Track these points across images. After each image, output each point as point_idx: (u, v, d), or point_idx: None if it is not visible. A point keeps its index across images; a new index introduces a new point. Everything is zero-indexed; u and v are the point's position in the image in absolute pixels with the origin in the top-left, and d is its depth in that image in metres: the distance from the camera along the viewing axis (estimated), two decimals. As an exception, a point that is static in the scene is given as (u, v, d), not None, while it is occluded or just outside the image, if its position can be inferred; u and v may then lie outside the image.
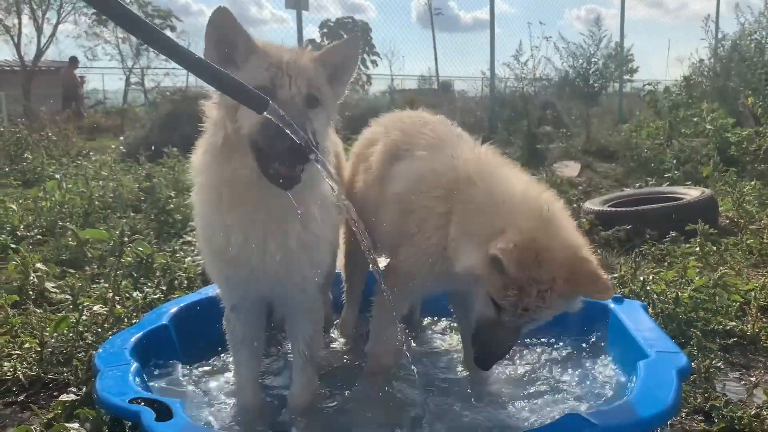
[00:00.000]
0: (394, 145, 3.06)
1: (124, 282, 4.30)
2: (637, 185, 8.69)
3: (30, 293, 4.42)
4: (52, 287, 4.49)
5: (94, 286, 4.52)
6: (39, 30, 24.81)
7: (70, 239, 5.56)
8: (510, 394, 2.87)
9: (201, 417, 2.62)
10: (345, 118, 14.01)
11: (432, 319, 3.85)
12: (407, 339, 3.35)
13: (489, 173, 2.67)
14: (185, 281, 4.44)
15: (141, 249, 4.64)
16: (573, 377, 2.96)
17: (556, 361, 3.13)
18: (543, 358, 3.19)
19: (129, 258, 4.72)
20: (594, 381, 2.89)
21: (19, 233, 6.14)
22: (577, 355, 3.15)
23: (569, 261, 2.32)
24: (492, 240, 2.34)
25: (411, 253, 2.75)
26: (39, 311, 4.06)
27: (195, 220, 2.59)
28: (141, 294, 4.11)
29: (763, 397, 2.87)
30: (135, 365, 2.56)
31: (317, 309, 2.69)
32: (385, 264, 3.01)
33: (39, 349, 3.36)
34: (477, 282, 2.45)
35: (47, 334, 3.47)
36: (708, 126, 10.29)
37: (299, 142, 2.00)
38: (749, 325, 3.66)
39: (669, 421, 2.66)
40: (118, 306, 3.83)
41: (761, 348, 3.52)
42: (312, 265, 2.50)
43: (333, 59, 2.39)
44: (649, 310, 3.43)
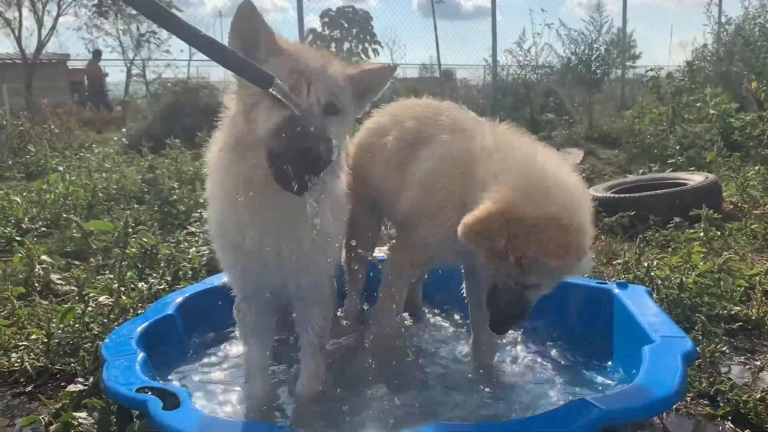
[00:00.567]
0: (411, 133, 3.08)
1: (129, 273, 4.31)
2: (641, 171, 8.66)
3: (36, 285, 4.45)
4: (57, 279, 4.50)
5: (99, 277, 4.53)
6: (39, 23, 24.69)
7: (74, 231, 5.56)
8: (515, 380, 2.87)
9: (208, 405, 2.63)
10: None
11: (433, 309, 3.85)
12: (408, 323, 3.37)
13: (504, 148, 2.70)
14: (190, 272, 4.45)
15: (145, 240, 4.65)
16: (578, 363, 2.97)
17: (561, 348, 3.14)
18: (548, 344, 3.19)
19: (134, 249, 4.72)
20: (599, 367, 2.90)
21: (24, 226, 6.16)
22: (582, 341, 3.15)
23: (539, 228, 2.31)
24: None
25: (430, 232, 2.80)
26: (45, 303, 4.09)
27: (209, 213, 2.59)
28: (146, 285, 4.11)
29: (769, 381, 2.88)
30: (141, 355, 2.56)
31: (327, 300, 2.69)
32: (395, 239, 3.13)
33: (46, 340, 3.38)
34: (477, 254, 2.51)
35: (54, 325, 3.49)
36: (711, 111, 10.24)
37: (315, 149, 1.99)
38: (754, 310, 3.66)
39: (675, 406, 2.67)
40: (123, 297, 3.85)
41: (766, 332, 3.53)
42: (325, 261, 2.50)
43: (366, 81, 2.40)
44: (654, 295, 3.43)
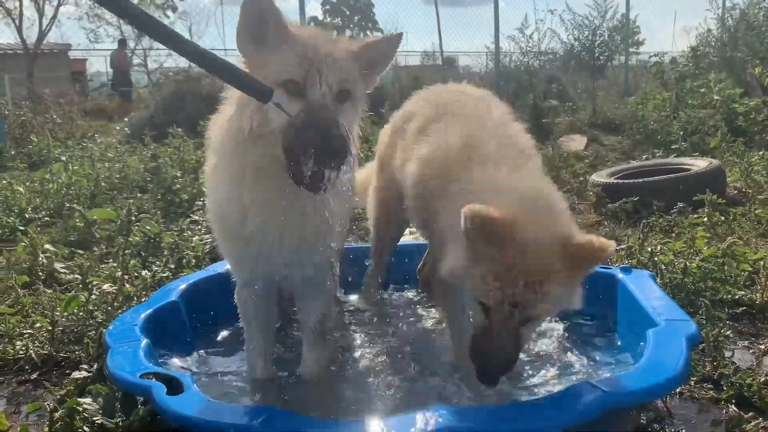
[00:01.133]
0: (426, 121, 2.92)
1: (132, 261, 4.32)
2: (644, 157, 8.63)
3: (40, 274, 4.46)
4: (61, 268, 4.52)
5: (102, 265, 4.54)
6: (40, 12, 24.70)
7: (77, 220, 5.57)
8: (519, 365, 2.86)
9: (212, 391, 2.63)
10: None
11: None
12: None
13: (493, 156, 2.44)
14: (193, 260, 4.45)
15: (149, 228, 4.65)
16: (582, 347, 2.97)
17: (564, 332, 3.13)
18: (552, 327, 3.19)
19: (137, 237, 4.73)
20: (604, 350, 2.90)
21: (27, 215, 6.17)
22: (587, 326, 3.15)
23: (562, 244, 2.10)
24: None
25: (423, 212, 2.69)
26: (49, 291, 4.10)
27: (208, 197, 2.57)
28: (149, 273, 4.12)
29: (773, 365, 2.88)
30: (145, 341, 2.56)
31: (330, 285, 2.69)
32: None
33: (50, 328, 3.39)
34: (462, 283, 2.20)
35: (58, 313, 3.50)
36: (715, 97, 10.17)
37: (331, 144, 1.96)
38: (758, 294, 3.65)
39: (678, 389, 2.67)
40: (127, 285, 3.86)
41: (770, 316, 3.52)
42: (326, 247, 2.49)
43: (371, 55, 2.32)
44: (658, 280, 3.42)
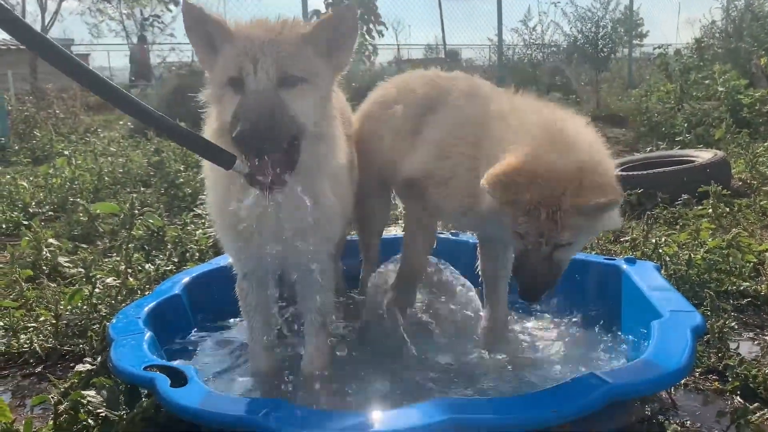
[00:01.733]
0: (424, 99, 3.05)
1: (136, 255, 4.33)
2: (648, 149, 8.59)
3: (43, 268, 4.47)
4: (65, 262, 4.53)
5: (106, 259, 4.55)
6: (43, 8, 24.72)
7: (81, 215, 5.58)
8: (524, 356, 2.86)
9: (215, 383, 2.64)
10: (351, 89, 13.95)
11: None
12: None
13: (518, 110, 2.65)
14: (197, 253, 4.45)
15: (152, 222, 4.66)
16: (586, 338, 2.96)
17: (569, 323, 3.13)
18: (556, 320, 3.18)
19: (140, 231, 4.74)
20: (608, 341, 2.89)
21: (31, 210, 6.19)
22: (591, 317, 3.14)
23: (573, 176, 2.23)
24: None
25: (444, 195, 2.78)
26: (53, 285, 4.11)
27: (207, 193, 2.58)
28: (153, 266, 4.12)
29: (778, 356, 2.87)
30: (149, 334, 2.57)
31: (329, 276, 2.69)
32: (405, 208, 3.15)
33: (54, 322, 3.39)
34: (501, 220, 2.41)
35: (62, 307, 3.51)
36: (720, 88, 10.12)
37: (271, 129, 2.00)
38: (763, 286, 3.64)
39: (683, 381, 2.67)
40: (130, 278, 3.86)
41: (775, 308, 3.51)
42: (324, 238, 2.49)
43: (326, 32, 2.23)
44: (662, 272, 3.41)
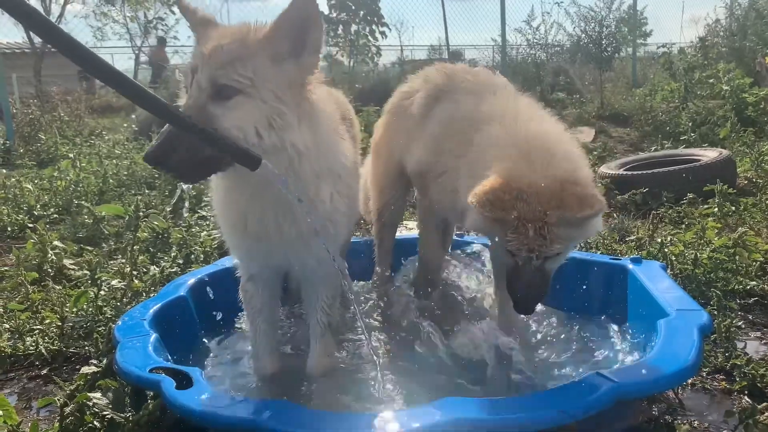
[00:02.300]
0: (436, 89, 3.14)
1: (141, 257, 4.34)
2: (653, 149, 8.57)
3: (49, 270, 4.48)
4: (70, 264, 4.53)
5: (111, 262, 4.56)
6: (47, 11, 24.67)
7: (86, 217, 5.60)
8: (529, 355, 2.85)
9: (220, 385, 2.64)
10: (355, 90, 13.93)
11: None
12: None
13: (509, 115, 2.66)
14: (201, 255, 4.45)
15: (156, 224, 4.66)
16: (592, 338, 2.95)
17: (575, 323, 3.11)
18: (562, 319, 3.17)
19: (145, 233, 4.75)
20: (614, 341, 2.87)
21: (36, 212, 6.20)
22: (597, 316, 3.13)
23: (554, 190, 2.28)
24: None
25: (438, 192, 2.84)
26: (58, 288, 4.11)
27: (212, 196, 2.59)
28: (158, 268, 4.13)
29: (785, 355, 2.85)
30: (154, 336, 2.57)
31: (334, 277, 2.69)
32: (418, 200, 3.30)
33: (60, 324, 3.41)
34: (490, 235, 2.49)
35: (67, 309, 3.52)
36: (724, 87, 10.08)
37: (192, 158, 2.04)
38: (770, 284, 3.62)
39: (690, 380, 2.65)
40: (135, 280, 3.86)
41: (782, 307, 3.49)
42: (328, 239, 2.47)
43: (285, 31, 2.09)
44: (668, 271, 3.39)
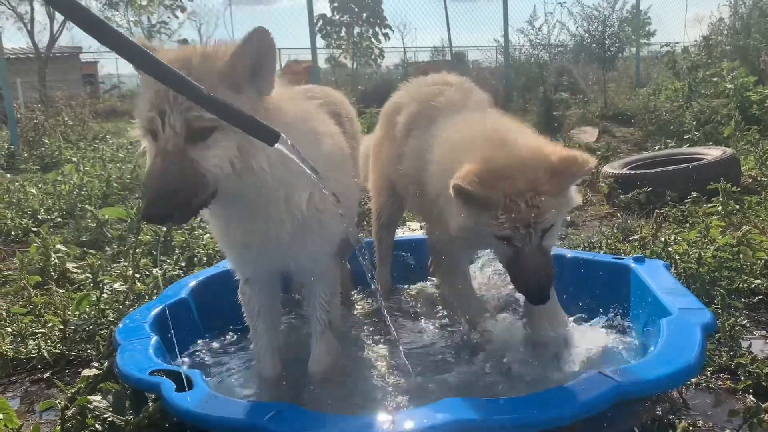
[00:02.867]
0: (411, 118, 3.15)
1: (143, 260, 4.34)
2: (657, 148, 8.54)
3: (52, 274, 4.49)
4: (73, 267, 4.54)
5: (114, 265, 4.56)
6: (51, 16, 24.78)
7: (89, 221, 5.61)
8: (532, 355, 2.83)
9: (221, 387, 2.63)
10: (358, 92, 13.94)
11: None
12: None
13: (456, 124, 2.74)
14: (204, 257, 4.45)
15: (158, 226, 4.66)
16: (595, 338, 2.92)
17: (578, 322, 3.09)
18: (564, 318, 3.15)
19: (148, 236, 4.76)
20: (616, 340, 2.85)
21: (40, 216, 6.22)
22: (599, 316, 3.10)
23: (539, 160, 2.38)
24: None
25: (436, 235, 2.85)
26: (61, 291, 4.12)
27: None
28: (161, 271, 4.13)
29: (790, 354, 2.82)
30: (155, 338, 2.56)
31: (332, 275, 2.67)
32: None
33: (62, 327, 3.41)
34: (479, 234, 2.48)
35: (69, 312, 3.52)
36: (728, 86, 10.04)
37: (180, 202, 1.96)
38: (775, 283, 3.59)
39: (695, 379, 2.63)
40: (138, 283, 3.87)
41: (787, 305, 3.46)
42: (321, 240, 2.47)
43: (243, 60, 2.05)
44: (672, 270, 3.37)
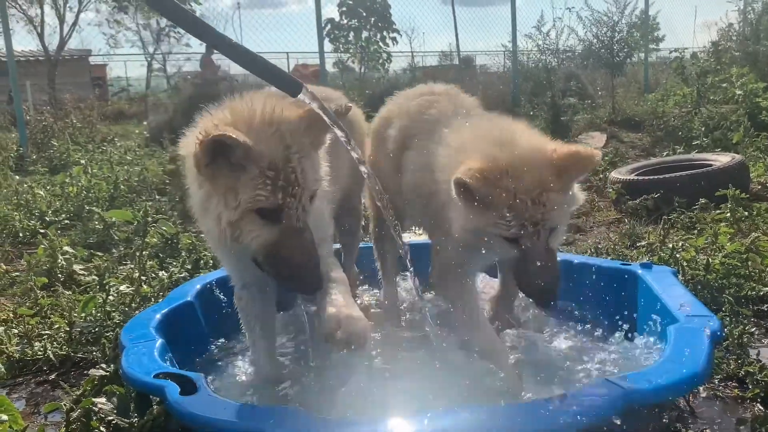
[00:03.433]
0: (403, 132, 3.10)
1: (150, 262, 4.35)
2: (665, 154, 8.51)
3: (59, 276, 4.51)
4: (80, 269, 4.56)
5: (121, 267, 4.57)
6: (61, 19, 25.02)
7: (96, 223, 5.63)
8: (538, 361, 2.82)
9: (225, 391, 2.63)
10: (365, 96, 13.95)
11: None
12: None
13: (459, 128, 2.71)
14: (210, 260, 4.46)
15: (165, 229, 4.68)
16: (601, 344, 2.91)
17: (584, 329, 3.08)
18: (571, 325, 3.14)
19: (154, 239, 4.77)
20: (623, 347, 2.84)
21: (48, 218, 6.25)
22: (606, 323, 3.09)
23: (543, 157, 2.34)
24: None
25: (444, 251, 2.76)
26: (68, 293, 4.13)
27: (194, 210, 2.42)
28: (167, 273, 4.13)
29: (799, 363, 2.79)
30: (160, 341, 2.56)
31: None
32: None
33: (68, 329, 3.42)
34: (484, 235, 2.40)
35: (76, 314, 3.53)
36: (738, 92, 9.98)
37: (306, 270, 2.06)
38: (783, 291, 3.56)
39: (702, 387, 2.61)
40: (144, 285, 3.87)
41: (797, 313, 3.43)
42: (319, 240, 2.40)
43: (310, 132, 2.22)
44: (680, 277, 3.35)
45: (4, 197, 7.19)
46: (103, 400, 2.28)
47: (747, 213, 5.00)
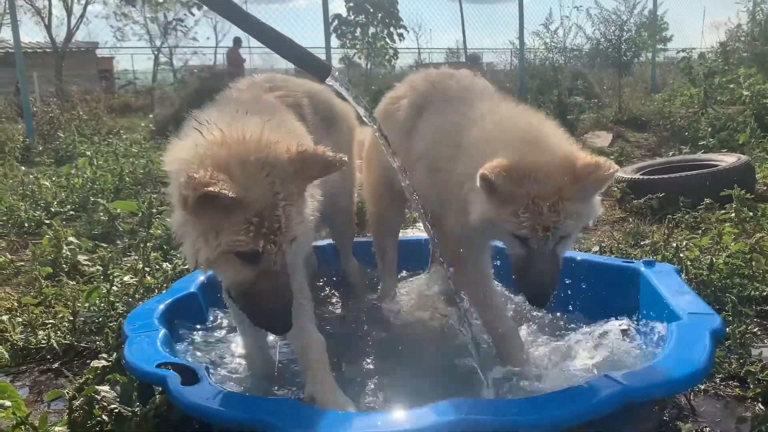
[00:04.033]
0: (420, 97, 3.10)
1: (154, 254, 4.36)
2: (671, 154, 8.48)
3: (63, 266, 4.53)
4: (84, 260, 4.58)
5: (125, 258, 4.59)
6: (69, 11, 25.01)
7: (101, 214, 5.65)
8: (539, 357, 2.82)
9: (227, 381, 2.64)
10: (371, 92, 13.96)
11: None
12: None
13: (494, 114, 2.68)
14: (214, 253, 4.46)
15: (169, 220, 4.68)
16: (603, 342, 2.91)
17: (586, 326, 3.07)
18: (573, 322, 3.14)
19: (159, 231, 4.78)
20: (625, 344, 2.83)
21: (53, 209, 6.28)
22: (608, 320, 3.08)
23: (565, 165, 2.32)
24: None
25: (451, 217, 2.71)
26: (72, 283, 4.15)
27: (174, 227, 2.30)
28: (170, 265, 4.15)
29: (801, 363, 2.79)
30: (163, 331, 2.58)
31: (301, 276, 2.55)
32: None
33: (72, 319, 3.44)
34: (496, 227, 2.41)
35: (80, 304, 3.55)
36: (745, 92, 9.95)
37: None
38: (787, 291, 3.55)
39: (703, 386, 2.61)
40: (148, 276, 3.89)
41: (799, 314, 3.42)
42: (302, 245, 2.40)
43: (299, 175, 2.11)
44: (683, 276, 3.34)
45: (10, 188, 7.22)
46: (107, 388, 2.29)
47: (752, 213, 4.99)
